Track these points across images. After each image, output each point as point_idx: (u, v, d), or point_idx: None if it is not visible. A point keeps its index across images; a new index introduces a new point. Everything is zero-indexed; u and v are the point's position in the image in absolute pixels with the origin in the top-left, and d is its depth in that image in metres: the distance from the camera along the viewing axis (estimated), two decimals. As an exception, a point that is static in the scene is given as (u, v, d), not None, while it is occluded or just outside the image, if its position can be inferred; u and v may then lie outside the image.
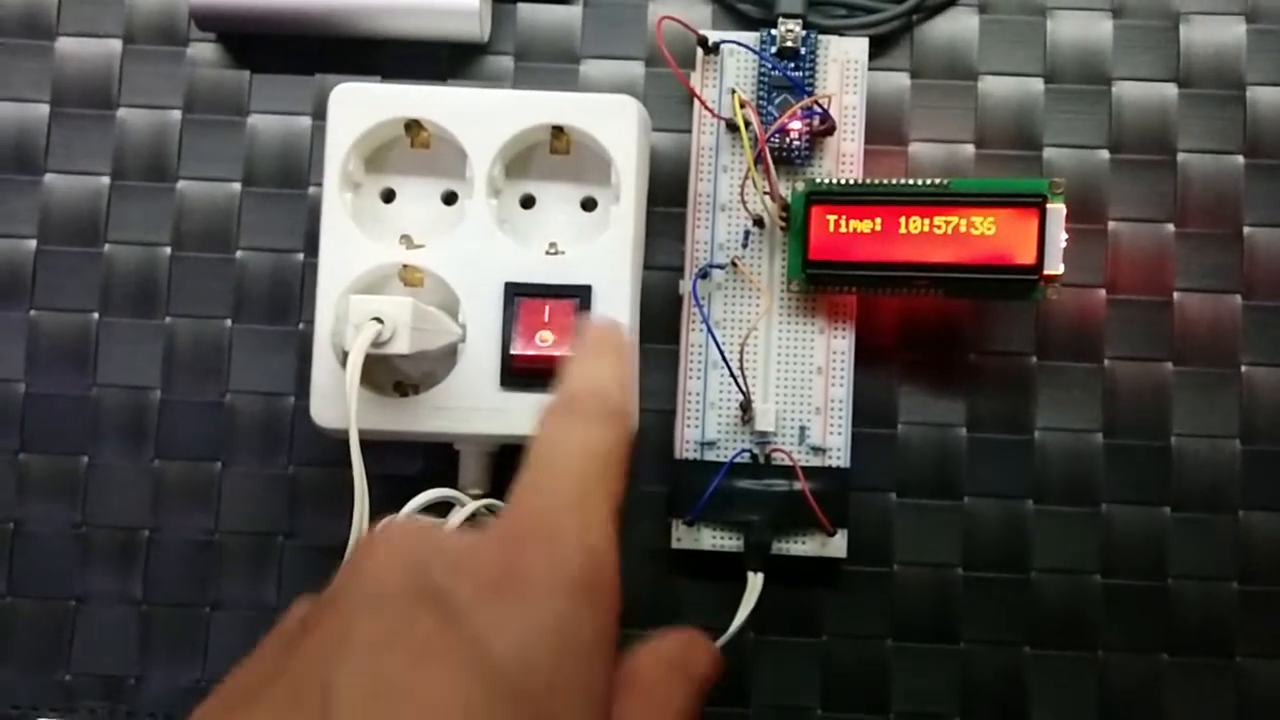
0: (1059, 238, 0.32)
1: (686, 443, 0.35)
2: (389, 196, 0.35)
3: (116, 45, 0.37)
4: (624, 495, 0.24)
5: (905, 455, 0.35)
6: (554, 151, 0.34)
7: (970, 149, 0.36)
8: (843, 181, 0.34)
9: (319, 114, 0.36)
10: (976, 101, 0.36)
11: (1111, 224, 0.36)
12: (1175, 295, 0.36)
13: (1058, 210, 0.32)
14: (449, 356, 0.33)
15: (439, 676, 0.20)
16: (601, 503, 0.23)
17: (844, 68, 0.35)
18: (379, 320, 0.30)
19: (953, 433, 0.35)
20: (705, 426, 0.35)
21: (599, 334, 0.27)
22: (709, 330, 0.34)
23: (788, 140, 0.34)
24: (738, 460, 0.34)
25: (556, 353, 0.32)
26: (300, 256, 0.37)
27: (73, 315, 0.37)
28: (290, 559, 0.36)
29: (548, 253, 0.34)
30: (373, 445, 0.31)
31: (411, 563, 0.21)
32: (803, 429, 0.34)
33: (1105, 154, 0.36)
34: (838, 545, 0.34)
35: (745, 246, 0.35)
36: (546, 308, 0.33)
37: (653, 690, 0.24)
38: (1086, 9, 0.37)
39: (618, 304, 0.33)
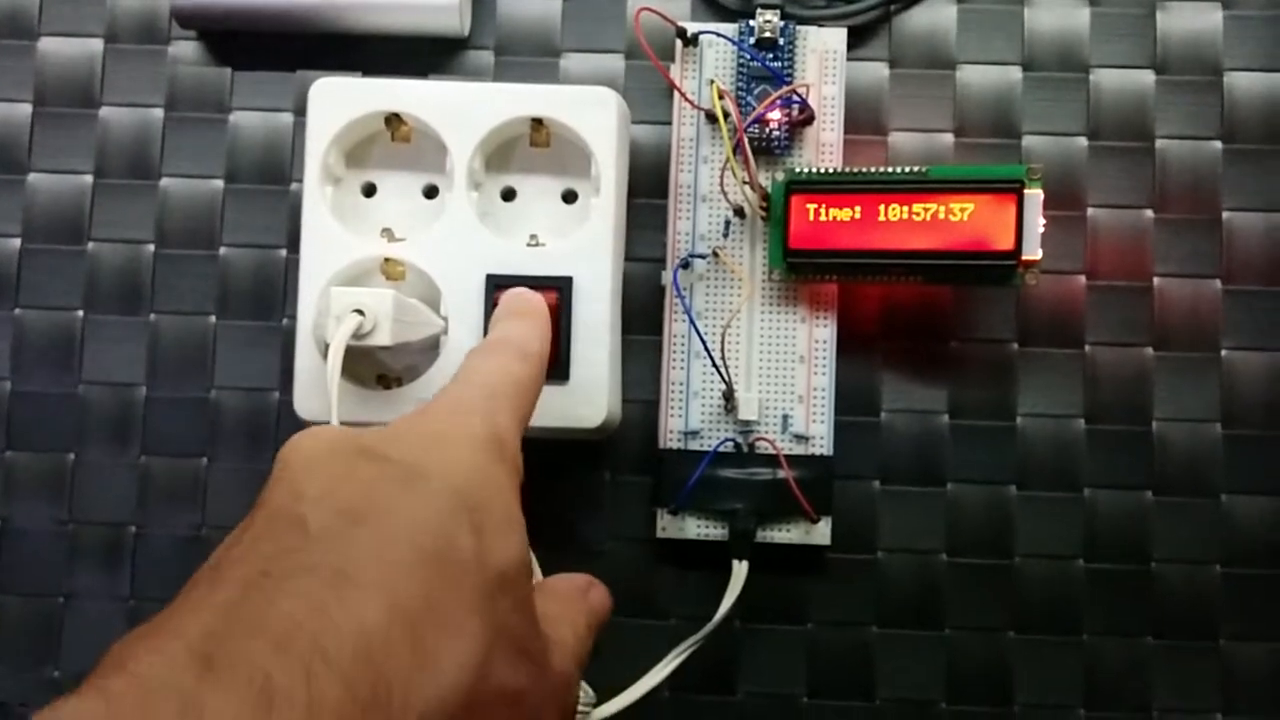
0: (1037, 223, 0.32)
1: (670, 432, 0.35)
2: (370, 191, 0.35)
3: (98, 44, 0.38)
4: (527, 422, 0.27)
5: (888, 442, 0.36)
6: (534, 144, 0.35)
7: (949, 137, 0.36)
8: (822, 171, 0.34)
9: (300, 110, 0.36)
10: (955, 90, 0.37)
11: (1091, 210, 0.36)
12: (1155, 281, 0.36)
13: (1035, 195, 0.33)
14: (431, 349, 0.33)
15: (392, 492, 0.22)
16: (508, 406, 0.26)
17: (822, 58, 0.35)
18: (360, 312, 0.30)
19: (935, 420, 0.36)
20: (689, 416, 0.35)
21: (523, 300, 0.31)
22: (691, 320, 0.35)
23: (767, 130, 0.35)
24: (721, 449, 0.34)
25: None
26: (283, 252, 0.37)
27: (57, 313, 0.37)
28: (277, 554, 0.36)
29: (529, 245, 0.34)
30: (356, 438, 0.31)
31: (338, 437, 0.24)
32: (786, 417, 0.34)
33: (1084, 141, 0.36)
34: (822, 533, 0.34)
35: (726, 236, 0.35)
36: None
37: (566, 598, 0.28)
38: (1064, -3, 0.37)
39: (599, 295, 0.33)
